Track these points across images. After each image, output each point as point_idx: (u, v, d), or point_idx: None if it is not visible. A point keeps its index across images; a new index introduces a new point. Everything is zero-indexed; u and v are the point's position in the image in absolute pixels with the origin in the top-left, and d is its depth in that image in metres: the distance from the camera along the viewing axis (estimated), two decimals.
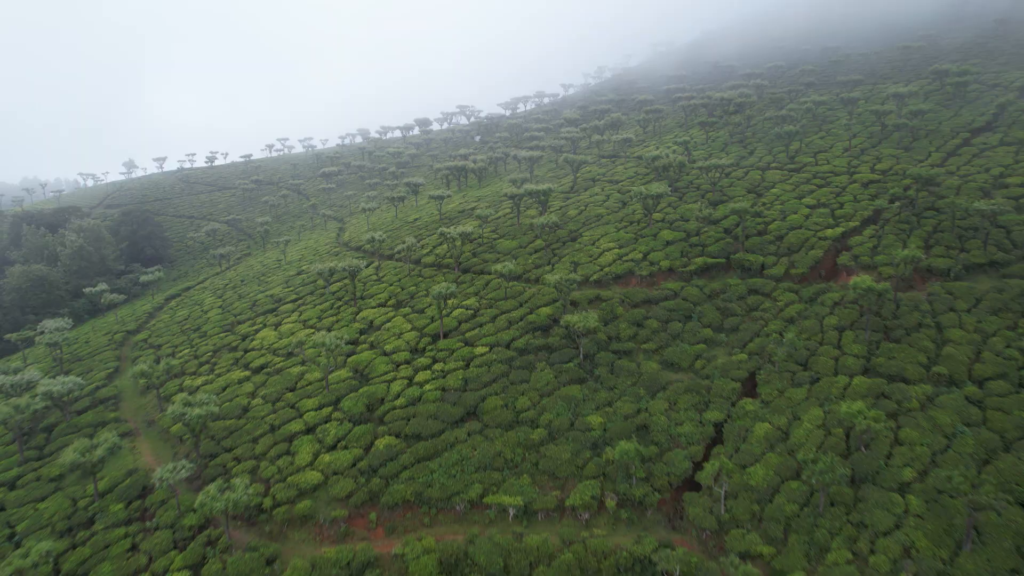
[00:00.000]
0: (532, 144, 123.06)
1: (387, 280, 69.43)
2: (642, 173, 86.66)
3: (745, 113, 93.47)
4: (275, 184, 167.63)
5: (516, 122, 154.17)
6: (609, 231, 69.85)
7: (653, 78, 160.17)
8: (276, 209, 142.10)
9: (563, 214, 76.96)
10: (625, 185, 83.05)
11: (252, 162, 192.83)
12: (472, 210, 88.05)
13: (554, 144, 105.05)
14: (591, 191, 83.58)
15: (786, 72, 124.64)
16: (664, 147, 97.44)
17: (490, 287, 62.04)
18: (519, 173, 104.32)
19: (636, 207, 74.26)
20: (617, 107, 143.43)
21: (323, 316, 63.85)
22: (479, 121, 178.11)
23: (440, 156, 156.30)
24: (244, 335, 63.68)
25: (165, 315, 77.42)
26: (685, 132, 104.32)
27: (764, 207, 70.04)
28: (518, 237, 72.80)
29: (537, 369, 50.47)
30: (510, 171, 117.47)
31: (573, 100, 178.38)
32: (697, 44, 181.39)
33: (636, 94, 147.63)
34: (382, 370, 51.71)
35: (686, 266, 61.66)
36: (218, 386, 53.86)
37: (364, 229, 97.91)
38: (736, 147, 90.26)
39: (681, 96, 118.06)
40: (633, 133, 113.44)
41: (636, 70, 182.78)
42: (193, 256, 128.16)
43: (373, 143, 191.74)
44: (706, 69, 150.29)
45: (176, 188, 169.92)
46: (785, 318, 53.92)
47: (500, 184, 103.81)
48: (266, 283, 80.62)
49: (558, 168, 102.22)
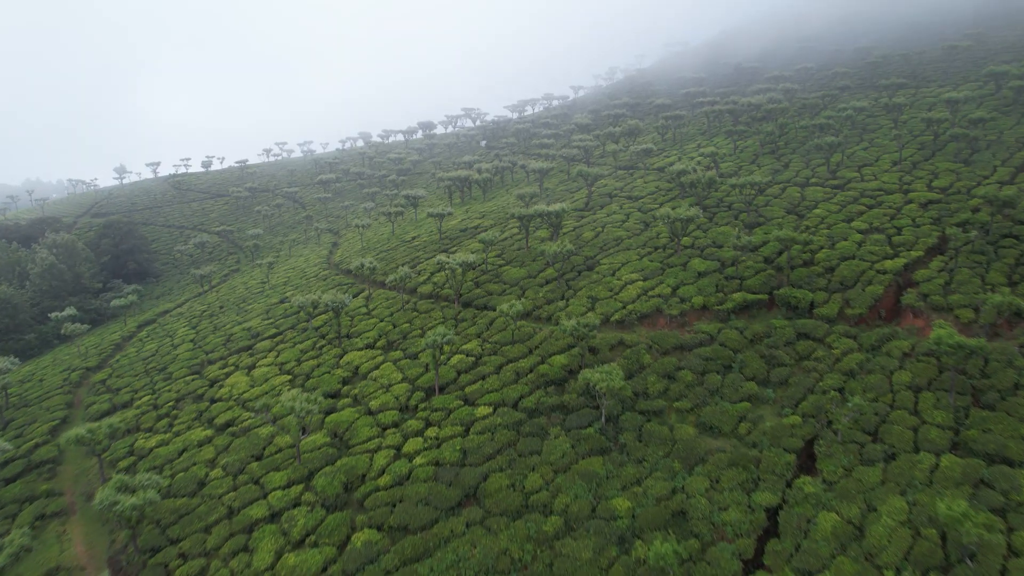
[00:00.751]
0: (541, 152, 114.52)
1: (378, 314, 61.10)
2: (664, 188, 78.00)
3: (778, 121, 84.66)
4: (271, 191, 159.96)
5: (524, 127, 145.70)
6: (631, 258, 61.25)
7: (669, 80, 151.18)
8: (269, 219, 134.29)
9: (577, 236, 68.42)
10: (647, 203, 74.41)
11: (248, 168, 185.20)
12: (476, 228, 79.68)
13: (565, 153, 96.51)
14: (608, 209, 75.01)
15: (816, 74, 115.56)
16: (686, 158, 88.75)
17: (494, 327, 53.61)
18: (528, 186, 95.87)
19: (661, 229, 65.64)
20: (632, 111, 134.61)
21: (303, 358, 55.59)
22: (485, 125, 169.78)
23: (444, 163, 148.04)
24: (213, 379, 55.50)
25: (132, 348, 69.42)
26: (709, 141, 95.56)
27: (808, 231, 61.32)
28: (527, 264, 64.32)
29: (550, 436, 41.97)
30: (517, 181, 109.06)
31: (584, 103, 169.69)
32: (715, 44, 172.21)
33: (652, 97, 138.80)
34: (365, 434, 43.33)
35: (722, 303, 53.06)
36: (175, 448, 45.67)
37: (358, 247, 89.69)
38: (768, 159, 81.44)
39: (703, 101, 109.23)
40: (651, 141, 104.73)
41: (650, 71, 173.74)
42: (180, 270, 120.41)
43: (374, 148, 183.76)
44: (727, 71, 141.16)
45: (168, 195, 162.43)
46: (843, 370, 45.21)
47: (507, 197, 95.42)
48: (246, 312, 72.50)
49: (570, 180, 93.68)
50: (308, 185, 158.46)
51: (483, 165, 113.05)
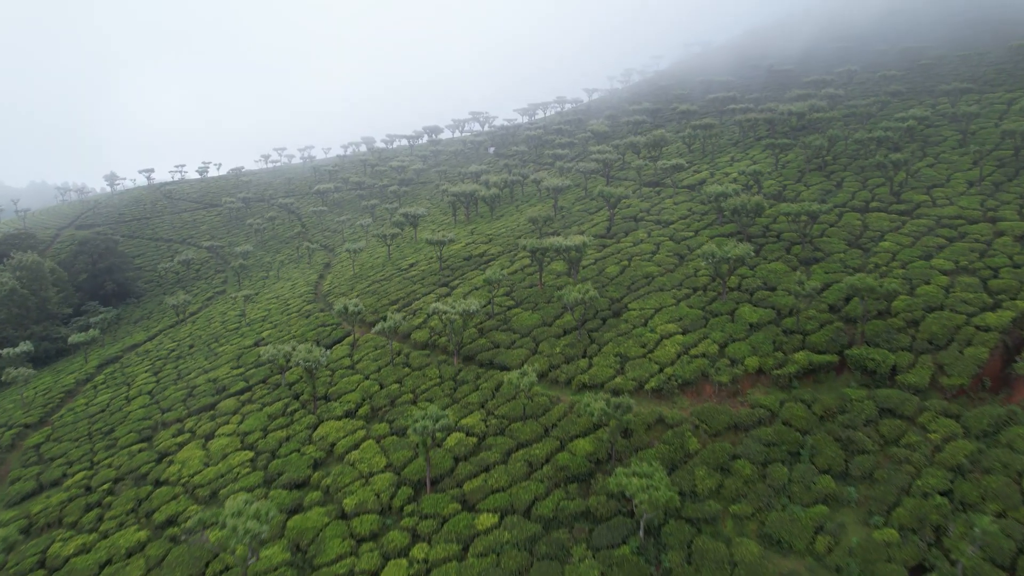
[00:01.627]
0: (554, 164, 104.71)
1: (363, 368, 51.36)
2: (698, 211, 67.81)
3: (827, 133, 74.15)
4: (266, 201, 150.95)
5: (535, 133, 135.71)
6: (665, 302, 51.16)
7: (692, 83, 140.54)
8: (262, 233, 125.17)
9: (599, 272, 58.39)
10: (679, 229, 64.24)
11: (244, 175, 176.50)
12: (481, 256, 69.84)
13: (583, 168, 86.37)
14: (634, 236, 64.91)
15: (860, 78, 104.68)
16: (720, 174, 78.53)
17: (502, 394, 43.72)
18: (540, 203, 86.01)
19: (699, 264, 55.52)
20: (652, 118, 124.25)
21: (270, 426, 45.95)
22: (493, 130, 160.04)
23: (449, 172, 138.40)
24: (163, 452, 45.97)
25: (83, 399, 60.10)
26: (744, 154, 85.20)
27: (877, 270, 51.03)
28: (540, 307, 54.36)
29: (573, 559, 32.06)
30: (528, 196, 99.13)
31: (599, 108, 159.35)
32: (740, 44, 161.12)
33: (674, 103, 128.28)
34: (335, 550, 33.56)
35: (782, 365, 42.95)
36: (97, 559, 36.14)
37: (349, 274, 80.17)
38: (816, 177, 71.03)
39: (735, 108, 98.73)
40: (677, 153, 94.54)
41: (669, 73, 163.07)
42: (164, 289, 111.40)
43: (377, 154, 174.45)
44: (757, 74, 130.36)
45: (158, 205, 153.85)
46: (948, 464, 34.97)
47: (517, 216, 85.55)
48: (216, 355, 63.04)
49: (588, 199, 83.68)
50: (305, 195, 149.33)
51: (491, 178, 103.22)
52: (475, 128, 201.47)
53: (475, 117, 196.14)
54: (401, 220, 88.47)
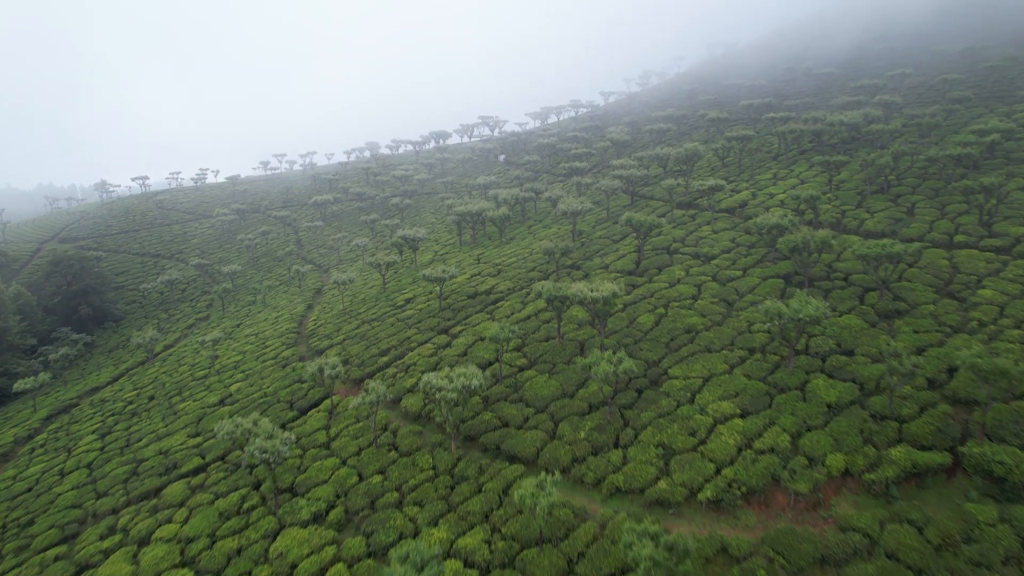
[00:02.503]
0: (570, 176, 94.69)
1: (339, 449, 41.66)
2: (744, 243, 57.57)
3: (891, 149, 63.55)
4: (261, 212, 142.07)
5: (548, 141, 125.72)
6: (716, 367, 41.08)
7: (718, 88, 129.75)
8: (253, 250, 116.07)
9: (630, 322, 48.37)
10: (723, 266, 54.06)
11: (241, 183, 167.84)
12: (488, 294, 59.97)
13: (605, 186, 76.19)
14: (669, 273, 54.81)
15: (909, 80, 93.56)
16: (763, 195, 68.19)
17: (510, 503, 33.84)
18: (556, 226, 76.08)
19: (753, 315, 45.37)
20: (677, 125, 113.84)
21: (219, 532, 36.38)
22: (504, 136, 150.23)
23: (456, 183, 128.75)
24: (82, 564, 36.53)
25: (12, 469, 50.89)
26: (788, 170, 74.76)
27: (983, 328, 40.65)
28: (559, 369, 44.43)
29: None
30: (542, 214, 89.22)
31: (616, 113, 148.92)
32: (769, 44, 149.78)
33: (701, 109, 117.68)
34: None
35: (875, 465, 32.84)
36: None
37: (338, 308, 70.65)
38: (880, 201, 60.53)
39: (773, 116, 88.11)
40: (708, 167, 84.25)
41: (692, 76, 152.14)
42: (147, 312, 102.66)
43: (381, 162, 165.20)
44: (792, 78, 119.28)
45: (148, 216, 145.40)
46: None
47: (529, 240, 75.66)
48: (175, 414, 53.68)
49: (609, 220, 73.64)
50: (303, 206, 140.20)
51: (500, 193, 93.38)
52: (484, 132, 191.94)
53: (484, 121, 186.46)
54: (400, 242, 78.83)
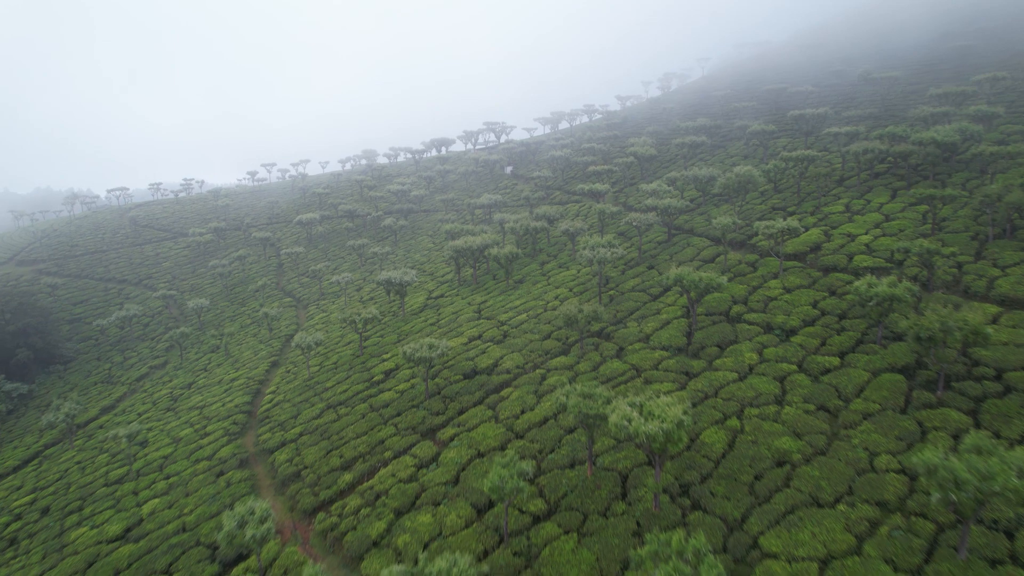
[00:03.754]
0: (590, 205, 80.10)
1: None
2: (832, 310, 42.89)
3: (1015, 180, 48.78)
4: (242, 230, 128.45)
5: (562, 153, 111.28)
6: (834, 541, 26.52)
7: (755, 93, 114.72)
8: (227, 278, 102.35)
9: (691, 441, 33.88)
10: (807, 346, 39.41)
11: (223, 195, 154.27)
12: (490, 373, 45.64)
13: (637, 221, 61.35)
14: (735, 355, 40.28)
15: (1001, 85, 78.15)
16: (841, 235, 53.56)
17: None
18: (575, 268, 61.64)
19: (873, 439, 30.89)
20: (709, 135, 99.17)
21: None
22: (511, 146, 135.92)
23: (456, 201, 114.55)
24: None
25: None
26: (861, 199, 60.10)
27: None
28: (594, 529, 29.98)
29: None
30: (556, 245, 74.89)
31: (637, 120, 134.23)
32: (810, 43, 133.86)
33: (737, 118, 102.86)
34: None
35: None
36: None
37: (303, 377, 56.48)
38: (1009, 250, 45.72)
39: (837, 132, 73.06)
40: (758, 193, 69.62)
41: (720, 79, 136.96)
42: (100, 353, 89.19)
43: (376, 172, 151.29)
44: (845, 83, 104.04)
45: (120, 234, 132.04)
46: None
47: (543, 285, 61.27)
48: (60, 549, 39.70)
49: (641, 262, 59.11)
50: (287, 224, 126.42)
51: (508, 220, 79.38)
52: (490, 139, 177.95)
53: (490, 127, 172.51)
54: (388, 280, 64.56)
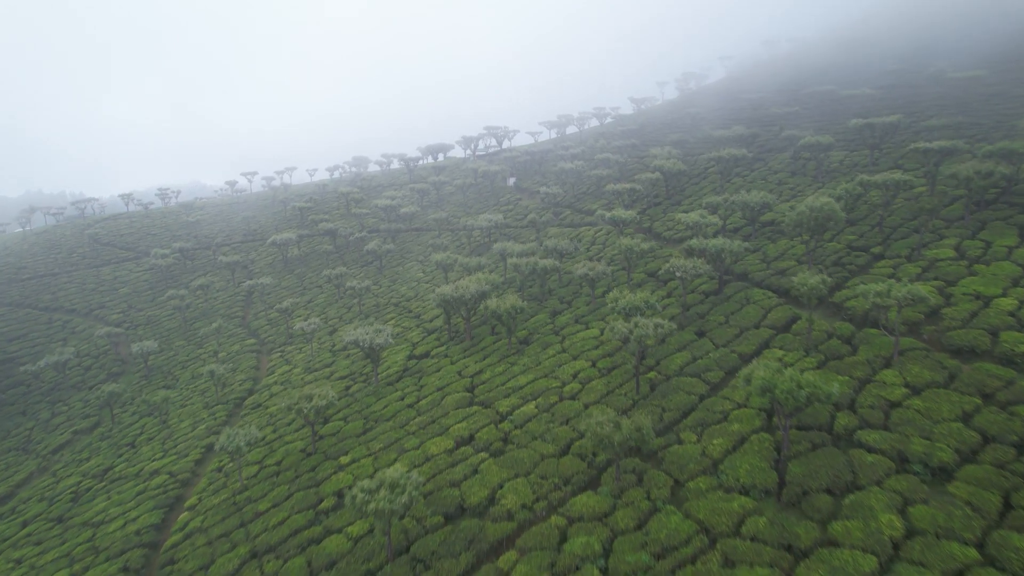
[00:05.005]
0: (615, 237, 65.74)
1: None
2: (1003, 438, 28.40)
3: None
4: (212, 249, 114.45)
5: (574, 166, 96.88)
6: None
7: (796, 96, 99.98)
8: (185, 312, 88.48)
9: None
10: (997, 534, 24.90)
11: (194, 210, 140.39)
12: (482, 514, 31.35)
13: (682, 270, 46.56)
14: (860, 511, 25.83)
15: None
16: (964, 296, 39.06)
17: None
18: (597, 327, 47.18)
19: None
20: (746, 146, 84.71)
21: None
22: (514, 154, 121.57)
23: (451, 220, 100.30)
24: None
25: None
26: (971, 236, 45.60)
27: None
28: None
29: None
30: (569, 290, 60.59)
31: (655, 126, 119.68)
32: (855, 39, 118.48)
33: (782, 125, 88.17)
34: None
35: None
36: None
37: (227, 497, 42.07)
38: None
39: (927, 148, 58.24)
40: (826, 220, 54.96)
41: (748, 80, 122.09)
42: (27, 406, 75.29)
43: (366, 183, 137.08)
44: (904, 83, 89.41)
45: (76, 254, 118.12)
46: None
47: (555, 355, 46.84)
48: None
49: (690, 328, 44.60)
50: (262, 244, 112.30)
51: (510, 253, 65.17)
52: (490, 144, 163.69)
53: (491, 132, 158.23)
54: (356, 342, 50.22)
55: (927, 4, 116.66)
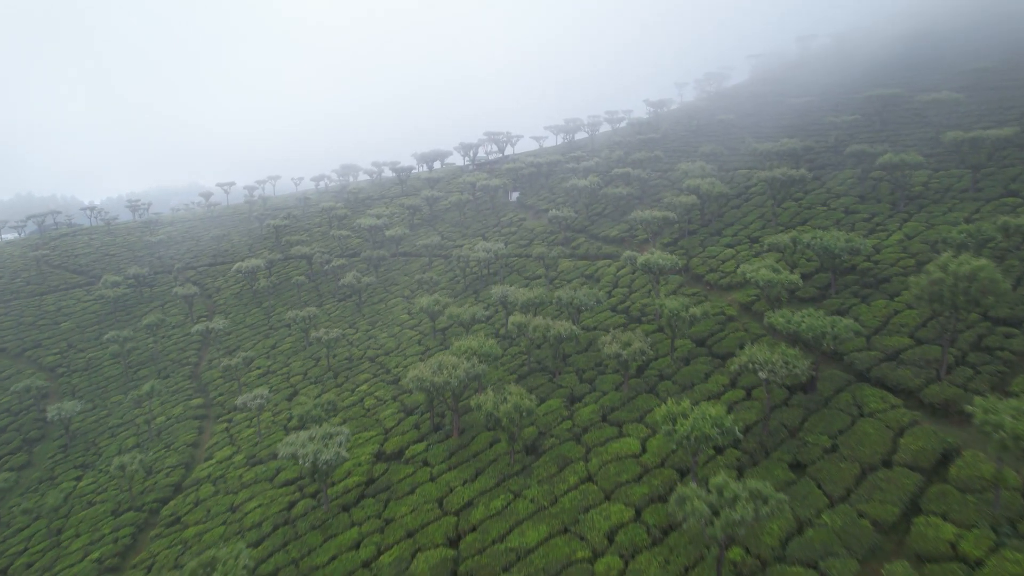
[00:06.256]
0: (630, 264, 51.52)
1: None
2: None
3: None
4: (173, 273, 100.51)
5: (588, 183, 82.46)
6: None
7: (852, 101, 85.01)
8: (127, 357, 74.61)
9: None
10: None
11: (161, 224, 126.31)
12: None
13: (768, 369, 32.01)
14: None
15: None
16: None
17: None
18: (651, 471, 32.62)
19: None
20: (800, 162, 70.19)
21: None
22: (517, 166, 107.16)
23: (444, 244, 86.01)
24: None
25: None
26: None
27: None
28: None
29: None
30: (591, 357, 46.30)
31: (678, 132, 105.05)
32: (918, 32, 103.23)
33: (844, 138, 73.42)
34: None
35: None
36: None
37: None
38: None
39: None
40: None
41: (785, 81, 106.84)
42: None
43: (352, 197, 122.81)
44: (973, 83, 74.45)
45: (20, 278, 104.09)
46: None
47: (582, 484, 32.42)
48: None
49: (780, 457, 30.15)
50: (231, 266, 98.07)
51: (514, 303, 51.03)
52: (491, 149, 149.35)
53: (491, 138, 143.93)
54: (294, 456, 36.21)
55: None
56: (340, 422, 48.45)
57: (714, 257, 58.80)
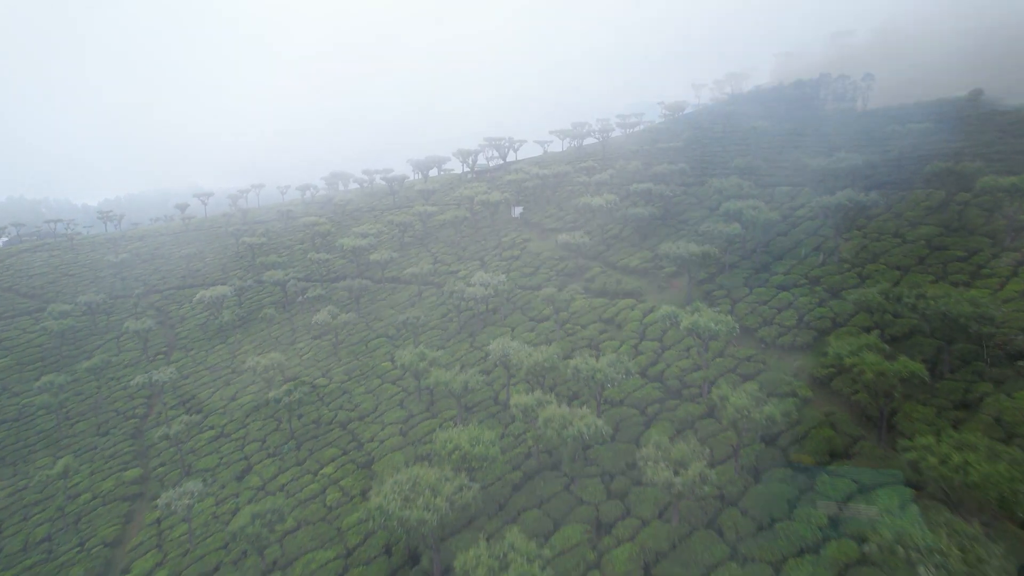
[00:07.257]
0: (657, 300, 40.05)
1: None
2: None
3: None
4: (135, 298, 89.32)
5: (604, 202, 70.90)
6: None
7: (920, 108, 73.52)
8: (74, 400, 63.51)
9: None
10: None
11: (130, 238, 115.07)
12: None
13: (863, 521, 21.05)
14: None
15: None
16: None
17: None
18: None
19: None
20: (864, 181, 58.62)
21: None
22: (520, 177, 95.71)
23: (437, 273, 74.57)
24: None
25: None
26: None
27: None
28: None
29: None
30: (612, 450, 34.85)
31: (704, 141, 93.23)
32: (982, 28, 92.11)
33: (884, 146, 61.86)
34: None
35: None
36: None
37: None
38: None
39: None
40: None
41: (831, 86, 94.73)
42: None
43: (337, 211, 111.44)
44: None
45: None
46: None
47: None
48: None
49: None
50: (195, 290, 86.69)
51: (528, 400, 39.77)
52: (492, 156, 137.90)
53: (492, 144, 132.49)
54: None
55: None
56: (288, 529, 37.12)
57: (765, 304, 47.35)
